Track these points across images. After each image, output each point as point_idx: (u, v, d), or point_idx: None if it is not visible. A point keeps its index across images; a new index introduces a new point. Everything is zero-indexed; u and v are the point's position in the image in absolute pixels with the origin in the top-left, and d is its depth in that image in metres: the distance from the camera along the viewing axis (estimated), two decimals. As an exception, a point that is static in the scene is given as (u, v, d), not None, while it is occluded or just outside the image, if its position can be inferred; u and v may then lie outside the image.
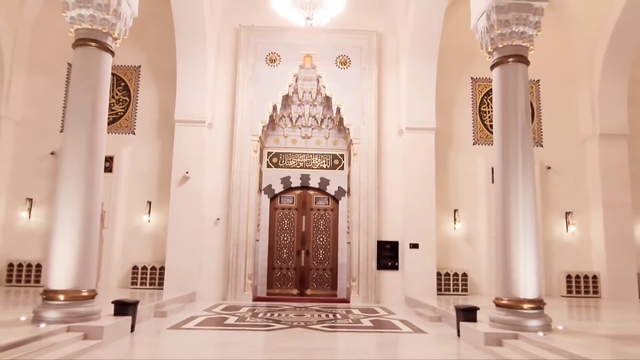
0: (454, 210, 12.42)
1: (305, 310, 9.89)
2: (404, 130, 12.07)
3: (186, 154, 11.80)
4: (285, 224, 12.61)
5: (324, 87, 12.35)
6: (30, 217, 11.91)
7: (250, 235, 11.81)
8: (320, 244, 12.56)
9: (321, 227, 12.62)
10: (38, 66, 12.46)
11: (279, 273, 12.46)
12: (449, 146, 12.71)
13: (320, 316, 8.97)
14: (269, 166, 12.72)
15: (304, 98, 12.60)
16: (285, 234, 12.58)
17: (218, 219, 11.89)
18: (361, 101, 12.28)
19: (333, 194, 12.62)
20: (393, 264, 11.95)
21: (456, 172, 12.63)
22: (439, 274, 11.96)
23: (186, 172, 11.68)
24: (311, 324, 7.92)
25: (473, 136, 12.85)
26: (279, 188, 12.61)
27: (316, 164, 12.73)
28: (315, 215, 12.67)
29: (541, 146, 12.84)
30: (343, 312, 9.63)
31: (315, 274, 12.48)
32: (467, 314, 6.85)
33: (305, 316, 8.93)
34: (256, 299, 11.77)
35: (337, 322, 8.35)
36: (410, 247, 11.71)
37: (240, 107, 12.16)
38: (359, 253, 11.81)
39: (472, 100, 13.02)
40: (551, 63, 12.92)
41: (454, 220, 12.41)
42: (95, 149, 6.46)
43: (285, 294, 12.23)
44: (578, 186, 12.68)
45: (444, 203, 12.35)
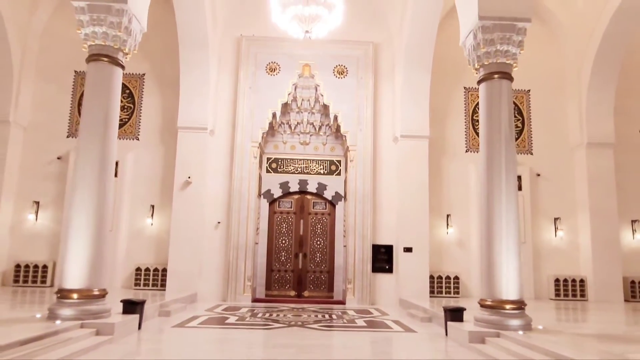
0: (447, 216, 12.86)
1: (303, 311, 10.29)
2: (399, 138, 12.51)
3: (188, 159, 12.21)
4: (284, 227, 13.02)
5: (322, 96, 12.80)
6: (37, 220, 12.30)
7: (250, 239, 12.23)
8: (318, 247, 12.97)
9: (318, 231, 13.04)
10: (46, 73, 12.88)
11: (277, 275, 12.87)
12: (442, 153, 13.15)
13: (316, 316, 9.38)
14: (268, 171, 13.14)
15: (302, 106, 13.04)
16: (283, 238, 12.99)
17: (219, 222, 12.30)
18: (358, 109, 12.73)
19: (330, 198, 13.04)
20: (388, 267, 12.36)
21: (449, 179, 13.07)
22: (431, 276, 12.37)
23: (188, 177, 12.10)
24: (308, 324, 8.33)
25: (465, 144, 13.29)
26: (277, 193, 13.03)
27: (314, 169, 13.15)
28: (313, 220, 13.09)
29: (531, 154, 13.29)
30: (339, 313, 10.05)
31: (313, 276, 12.89)
32: (454, 314, 7.32)
33: (302, 316, 9.33)
34: (255, 300, 12.18)
35: (333, 322, 8.78)
36: (405, 251, 12.15)
37: (241, 114, 12.60)
38: (355, 256, 12.23)
39: (465, 109, 13.47)
40: (541, 73, 13.40)
41: (447, 225, 12.84)
42: (107, 157, 6.89)
43: (283, 296, 12.63)
44: (566, 193, 13.12)
45: (437, 208, 12.79)
